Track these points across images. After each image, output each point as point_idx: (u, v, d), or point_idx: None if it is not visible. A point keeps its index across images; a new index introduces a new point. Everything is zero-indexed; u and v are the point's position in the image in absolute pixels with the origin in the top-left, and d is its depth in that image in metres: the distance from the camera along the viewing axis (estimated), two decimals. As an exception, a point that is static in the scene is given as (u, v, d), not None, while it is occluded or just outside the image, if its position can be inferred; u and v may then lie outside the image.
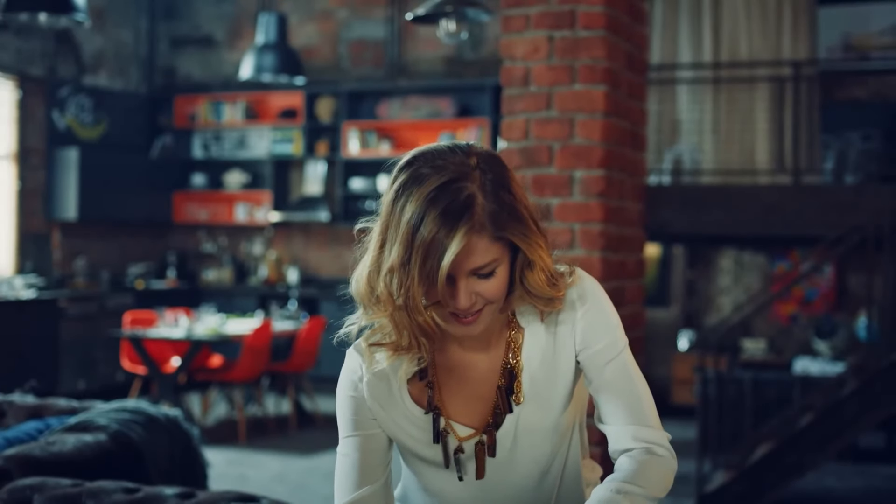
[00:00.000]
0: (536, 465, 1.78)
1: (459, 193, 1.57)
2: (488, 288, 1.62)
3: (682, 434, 8.47)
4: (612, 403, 1.76)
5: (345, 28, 11.08)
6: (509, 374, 1.74)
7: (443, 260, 1.55)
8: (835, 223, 6.85)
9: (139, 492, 2.95)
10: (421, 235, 1.56)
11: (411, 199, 1.58)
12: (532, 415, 1.75)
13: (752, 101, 8.54)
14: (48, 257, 10.13)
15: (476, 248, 1.58)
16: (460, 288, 1.61)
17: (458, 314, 1.63)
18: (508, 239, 1.61)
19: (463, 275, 1.60)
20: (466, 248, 1.57)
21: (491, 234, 1.59)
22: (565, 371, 1.75)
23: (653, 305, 9.68)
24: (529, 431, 1.75)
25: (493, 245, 1.60)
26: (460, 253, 1.56)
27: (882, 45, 9.27)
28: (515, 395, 1.74)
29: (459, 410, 1.76)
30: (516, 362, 1.74)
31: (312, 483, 6.73)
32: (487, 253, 1.59)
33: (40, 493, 2.96)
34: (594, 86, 3.69)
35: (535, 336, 1.75)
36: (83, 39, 10.58)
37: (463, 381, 1.77)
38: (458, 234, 1.55)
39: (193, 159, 11.60)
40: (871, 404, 6.14)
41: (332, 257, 11.18)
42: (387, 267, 1.60)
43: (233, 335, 7.99)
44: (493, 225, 1.59)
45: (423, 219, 1.56)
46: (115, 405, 3.90)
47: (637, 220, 4.15)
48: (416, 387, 1.76)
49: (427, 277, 1.57)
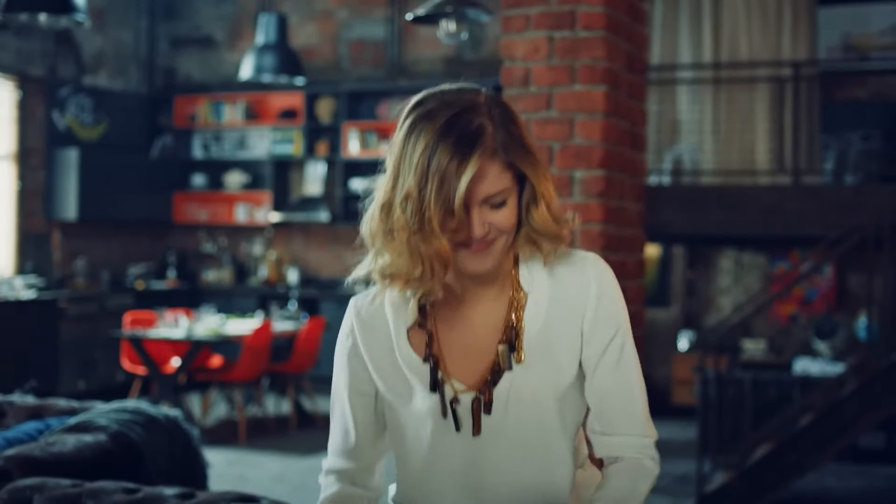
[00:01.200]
0: (529, 432, 1.76)
1: (470, 124, 1.64)
2: (500, 218, 1.67)
3: (682, 434, 8.47)
4: (607, 404, 1.78)
5: (345, 28, 11.08)
6: (511, 331, 1.76)
7: (458, 185, 1.62)
8: (835, 223, 6.85)
9: (139, 492, 2.95)
10: (435, 163, 1.62)
11: (424, 133, 1.64)
12: (531, 377, 1.75)
13: (752, 101, 8.55)
14: (48, 257, 10.13)
15: (489, 175, 1.65)
16: (474, 216, 1.66)
17: (470, 245, 1.68)
18: (518, 170, 1.68)
19: (476, 203, 1.66)
20: (479, 174, 1.63)
21: (503, 160, 1.66)
22: (569, 343, 1.76)
23: (653, 306, 9.68)
24: (526, 394, 1.75)
25: (505, 173, 1.66)
26: (474, 179, 1.62)
27: (882, 45, 9.27)
28: (517, 353, 1.75)
29: (457, 365, 1.77)
30: (518, 322, 1.76)
31: (312, 483, 6.72)
32: (499, 181, 1.66)
33: (40, 494, 2.96)
34: (594, 86, 3.70)
35: (539, 300, 1.76)
36: (83, 40, 10.58)
37: (462, 336, 1.79)
38: (472, 158, 1.62)
39: (193, 159, 11.60)
40: (871, 404, 6.14)
41: (333, 258, 11.18)
42: (402, 195, 1.66)
43: (233, 335, 7.99)
44: (504, 152, 1.66)
45: (436, 148, 1.62)
46: (115, 405, 3.89)
47: (637, 220, 4.15)
48: (416, 336, 1.79)
49: (443, 204, 1.63)
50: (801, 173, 7.98)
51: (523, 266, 1.78)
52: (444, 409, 1.76)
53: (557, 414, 1.76)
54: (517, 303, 1.77)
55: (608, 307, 1.76)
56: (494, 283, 1.78)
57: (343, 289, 10.76)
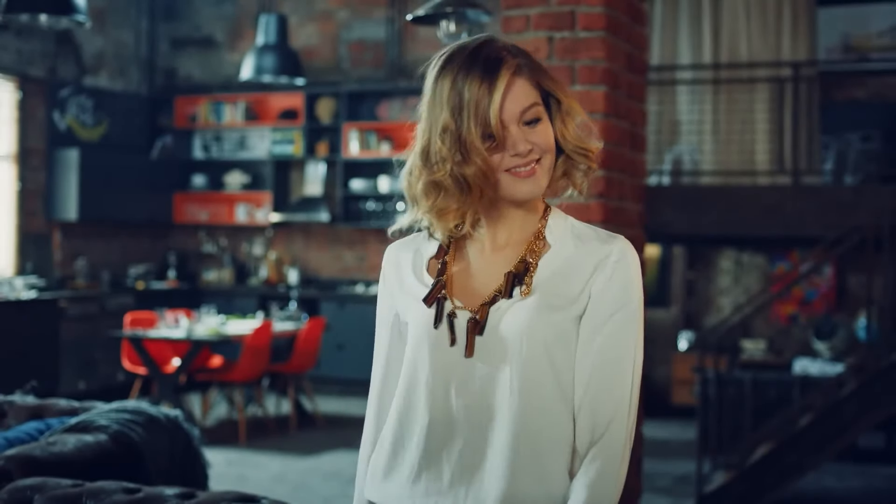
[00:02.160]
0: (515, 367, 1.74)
1: (491, 52, 1.75)
2: (539, 136, 1.75)
3: (681, 434, 8.48)
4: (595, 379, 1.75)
5: (345, 29, 11.09)
6: (523, 265, 1.80)
7: (493, 101, 1.71)
8: (834, 223, 6.85)
9: (139, 492, 2.96)
10: (467, 92, 1.72)
11: (449, 73, 1.75)
12: (528, 312, 1.75)
13: (752, 101, 8.55)
14: (48, 258, 10.14)
15: (518, 90, 1.74)
16: (515, 134, 1.74)
17: (518, 169, 1.75)
18: (543, 90, 1.77)
19: (513, 122, 1.74)
20: (509, 91, 1.73)
21: (528, 77, 1.75)
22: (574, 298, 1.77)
23: (653, 306, 9.68)
24: (517, 327, 1.75)
25: (533, 90, 1.76)
26: (507, 95, 1.72)
27: (881, 45, 9.28)
28: (524, 287, 1.78)
29: (464, 289, 1.83)
30: (534, 262, 1.80)
31: (312, 483, 6.74)
32: (528, 96, 1.75)
33: (41, 494, 2.96)
34: (594, 86, 3.70)
35: (559, 251, 1.80)
36: (84, 40, 10.59)
37: (477, 269, 1.85)
38: (500, 76, 1.72)
39: (194, 160, 11.61)
40: (871, 404, 6.14)
41: (333, 258, 11.19)
42: (439, 131, 1.74)
43: (233, 335, 7.99)
44: (528, 70, 1.76)
45: (465, 80, 1.73)
46: (115, 405, 3.90)
47: (637, 220, 4.15)
48: (434, 265, 1.87)
49: (481, 124, 1.72)
50: (801, 174, 7.99)
51: (551, 219, 1.84)
52: (437, 320, 1.79)
53: (547, 360, 1.74)
54: (537, 248, 1.81)
55: (623, 278, 1.76)
56: (522, 230, 1.83)
57: (343, 289, 10.77)
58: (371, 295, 10.37)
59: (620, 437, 1.74)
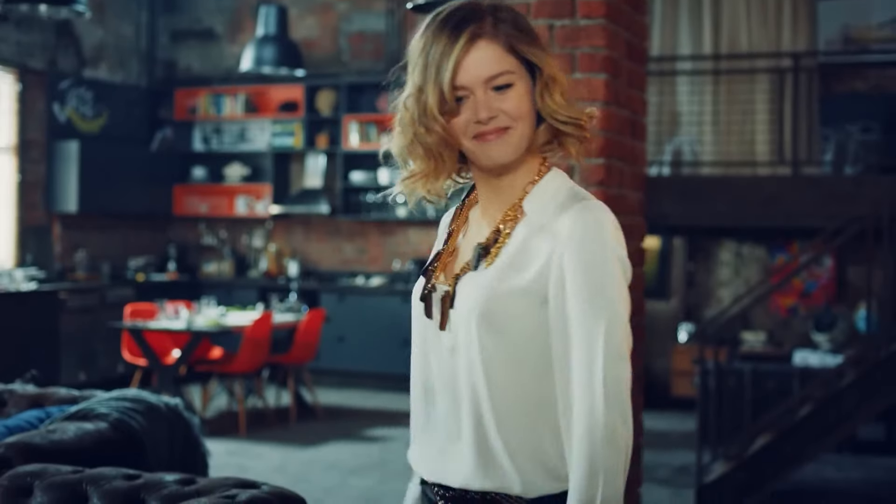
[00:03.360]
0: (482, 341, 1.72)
1: (466, 15, 1.70)
2: (508, 103, 1.68)
3: (681, 426, 8.49)
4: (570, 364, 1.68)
5: (345, 20, 11.08)
6: (494, 235, 1.77)
7: (448, 66, 1.67)
8: (834, 214, 6.85)
9: (139, 478, 2.96)
10: (432, 54, 1.69)
11: (423, 37, 1.73)
12: (481, 284, 1.72)
13: (752, 92, 8.54)
14: (49, 250, 10.14)
15: (486, 55, 1.68)
16: (480, 100, 1.68)
17: (482, 133, 1.70)
18: (523, 56, 1.70)
19: (479, 85, 1.68)
20: (478, 56, 1.67)
21: (504, 43, 1.68)
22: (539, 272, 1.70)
23: (653, 298, 9.68)
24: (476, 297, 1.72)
25: (507, 57, 1.69)
26: (471, 60, 1.67)
27: (881, 37, 9.26)
28: (489, 257, 1.75)
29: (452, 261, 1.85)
30: (505, 231, 1.76)
31: (313, 474, 6.74)
32: (499, 63, 1.68)
33: (40, 480, 2.97)
34: (594, 74, 3.69)
35: (531, 222, 1.74)
36: (83, 32, 10.58)
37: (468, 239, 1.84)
38: (461, 39, 1.67)
39: (194, 152, 11.60)
40: (870, 395, 6.14)
41: (333, 250, 11.19)
42: (405, 95, 1.74)
43: (233, 327, 7.99)
44: (504, 35, 1.69)
45: (433, 41, 1.70)
46: (115, 394, 3.90)
47: (637, 208, 4.15)
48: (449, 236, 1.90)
49: (438, 87, 1.68)
50: (801, 164, 7.98)
51: (539, 186, 1.77)
52: (423, 295, 1.82)
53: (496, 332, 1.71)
54: (511, 217, 1.77)
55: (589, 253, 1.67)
56: (510, 197, 1.78)
57: (343, 281, 10.76)
58: (371, 287, 10.37)
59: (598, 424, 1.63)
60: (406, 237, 10.84)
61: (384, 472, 6.80)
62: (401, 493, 2.02)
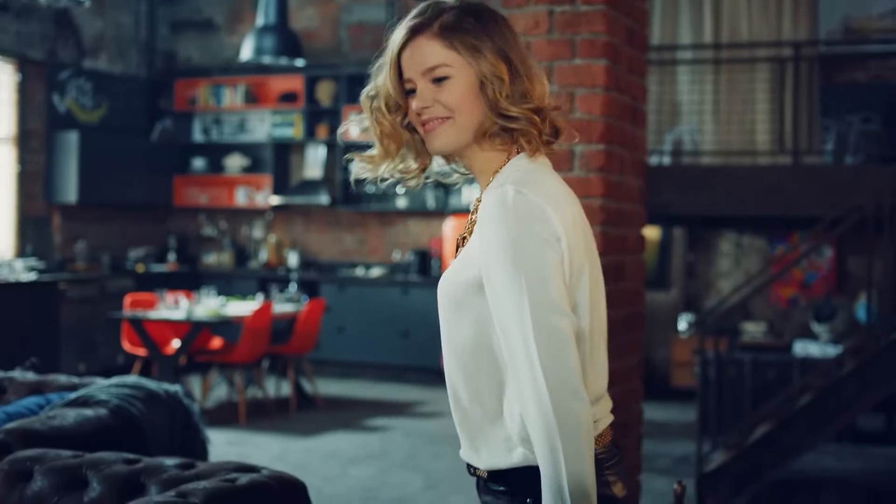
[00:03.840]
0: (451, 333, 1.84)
1: (422, 11, 1.82)
2: (445, 93, 1.79)
3: (681, 416, 8.50)
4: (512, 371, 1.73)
5: (345, 11, 11.06)
6: (470, 227, 1.87)
7: (390, 60, 1.82)
8: (835, 204, 6.84)
9: (139, 462, 2.96)
10: (388, 47, 1.84)
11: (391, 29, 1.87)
12: (445, 274, 1.85)
13: (753, 82, 8.52)
14: (48, 240, 10.13)
15: (424, 49, 1.80)
16: (420, 91, 1.81)
17: (424, 122, 1.83)
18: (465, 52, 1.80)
19: (419, 76, 1.81)
20: (416, 49, 1.80)
21: (442, 38, 1.79)
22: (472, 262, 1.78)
23: (653, 288, 9.68)
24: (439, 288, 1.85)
25: (445, 51, 1.79)
26: (411, 53, 1.80)
27: (882, 27, 9.25)
28: (460, 250, 1.88)
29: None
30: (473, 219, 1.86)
31: (312, 464, 6.75)
32: (436, 56, 1.79)
33: (40, 464, 2.97)
34: (594, 60, 3.69)
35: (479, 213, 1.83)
36: (83, 22, 10.56)
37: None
38: (406, 31, 1.81)
39: (193, 143, 11.59)
40: (870, 385, 6.14)
41: (332, 241, 11.18)
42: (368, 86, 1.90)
43: (233, 317, 7.99)
44: (443, 31, 1.79)
45: (391, 35, 1.85)
46: (115, 381, 3.90)
47: (637, 195, 4.14)
48: None
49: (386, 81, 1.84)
50: (801, 154, 7.97)
51: (500, 174, 1.83)
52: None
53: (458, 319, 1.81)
54: (477, 206, 1.86)
55: (488, 236, 1.72)
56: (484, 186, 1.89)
57: (343, 272, 10.76)
58: (370, 278, 10.37)
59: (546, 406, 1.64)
60: (406, 228, 10.83)
61: (384, 461, 6.80)
62: (400, 483, 2.06)
